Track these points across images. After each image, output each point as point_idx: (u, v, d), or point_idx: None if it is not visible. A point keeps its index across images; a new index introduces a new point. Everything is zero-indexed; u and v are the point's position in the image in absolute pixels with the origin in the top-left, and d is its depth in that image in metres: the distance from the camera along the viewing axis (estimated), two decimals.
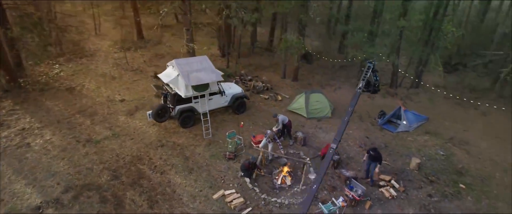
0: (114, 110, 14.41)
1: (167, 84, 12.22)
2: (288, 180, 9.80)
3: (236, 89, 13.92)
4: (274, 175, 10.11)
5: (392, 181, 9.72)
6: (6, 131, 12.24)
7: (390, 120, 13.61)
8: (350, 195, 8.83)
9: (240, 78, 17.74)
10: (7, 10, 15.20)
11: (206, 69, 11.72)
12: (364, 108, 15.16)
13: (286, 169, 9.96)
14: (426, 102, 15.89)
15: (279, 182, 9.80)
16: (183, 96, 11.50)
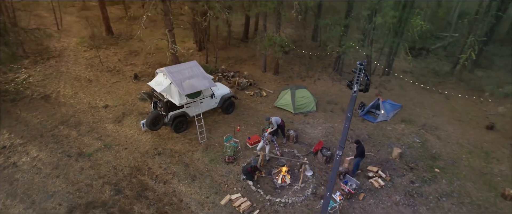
0: (99, 118, 14.03)
1: (156, 91, 12.14)
2: (287, 179, 10.53)
3: (224, 89, 14.14)
4: (273, 175, 10.78)
5: (379, 172, 10.85)
6: None
7: (369, 110, 14.74)
8: (346, 189, 9.78)
9: (222, 75, 17.85)
10: None
11: (197, 76, 11.79)
12: (344, 99, 16.16)
13: (284, 169, 10.65)
14: (398, 89, 17.28)
15: (279, 181, 10.49)
16: (177, 104, 11.56)
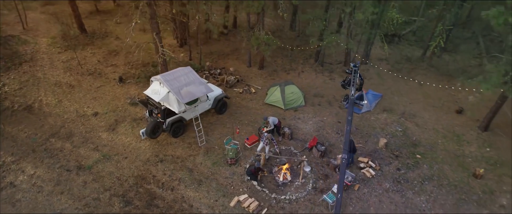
0: (91, 127, 13.84)
1: (151, 98, 12.19)
2: (288, 176, 11.30)
3: (217, 90, 14.40)
4: (275, 173, 11.50)
5: (369, 162, 11.94)
6: None
7: (354, 102, 15.73)
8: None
9: (209, 73, 17.97)
10: None
11: (194, 82, 11.97)
12: (329, 91, 17.03)
13: (285, 167, 11.40)
14: (376, 78, 18.43)
15: (281, 178, 11.25)
16: (176, 112, 11.74)
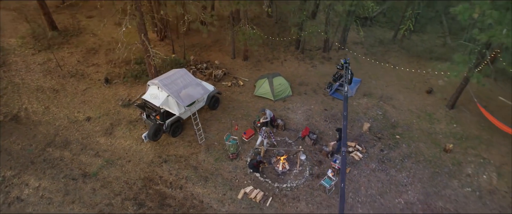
0: (87, 133, 13.91)
1: (151, 103, 12.48)
2: (286, 165, 12.37)
3: (209, 87, 14.86)
4: (274, 164, 12.51)
5: (357, 146, 13.28)
6: None
7: (337, 88, 16.91)
8: (336, 167, 12.02)
9: (196, 68, 18.21)
10: None
11: (191, 84, 12.37)
12: (312, 79, 18.04)
13: (283, 157, 12.43)
14: (354, 63, 19.67)
15: (280, 168, 12.30)
16: (177, 114, 12.17)
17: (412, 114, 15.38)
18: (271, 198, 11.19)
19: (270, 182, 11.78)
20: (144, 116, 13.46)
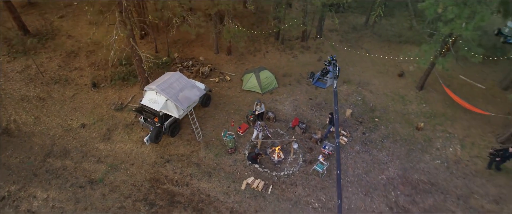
0: (84, 140, 14.17)
1: (150, 107, 12.97)
2: (281, 155, 13.56)
3: (200, 86, 15.47)
4: (270, 154, 13.64)
5: (342, 131, 14.70)
6: None
7: (319, 78, 18.10)
8: (326, 152, 13.38)
9: (183, 66, 18.58)
10: None
11: (187, 87, 12.97)
12: (294, 69, 19.07)
13: (278, 148, 13.57)
14: (332, 51, 20.93)
15: (276, 158, 13.46)
16: (177, 117, 12.80)
17: (387, 97, 17.01)
18: (271, 186, 12.38)
19: (268, 171, 12.93)
20: (141, 119, 13.91)
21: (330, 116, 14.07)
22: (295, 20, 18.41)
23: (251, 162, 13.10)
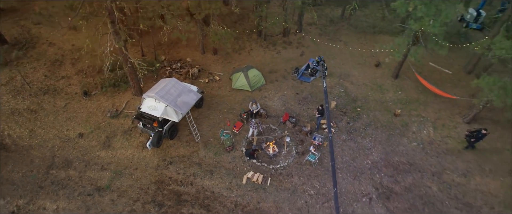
0: (84, 149, 14.53)
1: (150, 114, 13.54)
2: (276, 148, 14.66)
3: (193, 88, 16.11)
4: (265, 149, 14.71)
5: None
6: None
7: (303, 72, 19.24)
8: (316, 143, 14.63)
9: (172, 69, 19.01)
10: None
11: (184, 92, 13.62)
12: (279, 65, 20.05)
13: (272, 142, 14.65)
14: (313, 46, 22.04)
15: (271, 152, 14.55)
16: (177, 121, 13.47)
17: (366, 87, 18.45)
18: (270, 178, 13.49)
19: (266, 165, 14.01)
20: (140, 125, 14.44)
21: (320, 108, 15.25)
22: (277, 18, 19.26)
23: (249, 158, 14.10)
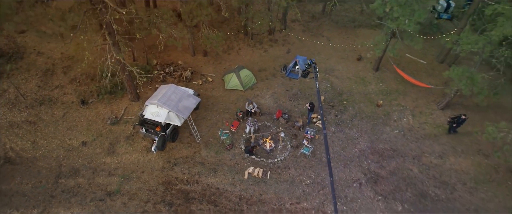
0: (89, 157, 15.11)
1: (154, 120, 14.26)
2: (272, 144, 15.83)
3: (190, 92, 16.88)
4: (262, 145, 15.84)
5: (318, 116, 17.28)
6: None
7: (291, 69, 20.32)
8: (309, 136, 15.91)
9: (165, 73, 19.59)
10: None
11: (183, 97, 14.42)
12: (267, 64, 21.07)
13: (268, 138, 15.80)
14: (297, 43, 23.14)
15: (268, 147, 15.71)
16: (179, 125, 14.29)
17: (350, 80, 19.85)
18: (269, 172, 14.68)
19: (264, 160, 15.16)
20: (143, 131, 15.15)
21: (309, 106, 16.46)
22: (262, 18, 20.18)
23: (248, 154, 15.20)
